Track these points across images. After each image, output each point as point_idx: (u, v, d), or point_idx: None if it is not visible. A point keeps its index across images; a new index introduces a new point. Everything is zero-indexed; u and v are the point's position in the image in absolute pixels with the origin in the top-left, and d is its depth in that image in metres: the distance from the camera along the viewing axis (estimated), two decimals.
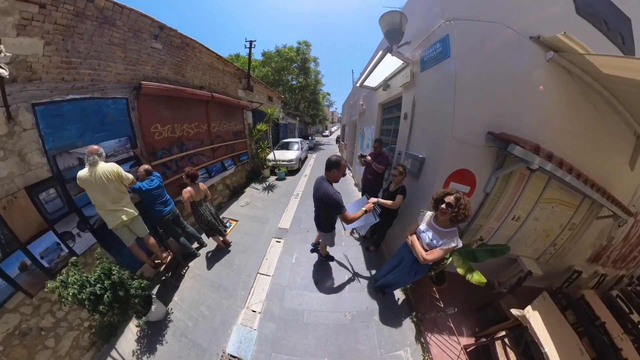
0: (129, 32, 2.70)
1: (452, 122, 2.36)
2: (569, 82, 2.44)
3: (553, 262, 3.61)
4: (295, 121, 18.14)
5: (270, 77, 15.92)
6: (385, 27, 2.67)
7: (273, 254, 3.36)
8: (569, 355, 1.83)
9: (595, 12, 2.79)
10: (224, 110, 5.20)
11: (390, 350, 2.18)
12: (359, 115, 7.54)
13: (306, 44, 17.11)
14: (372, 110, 5.81)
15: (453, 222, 1.74)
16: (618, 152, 3.06)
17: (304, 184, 6.85)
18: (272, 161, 7.42)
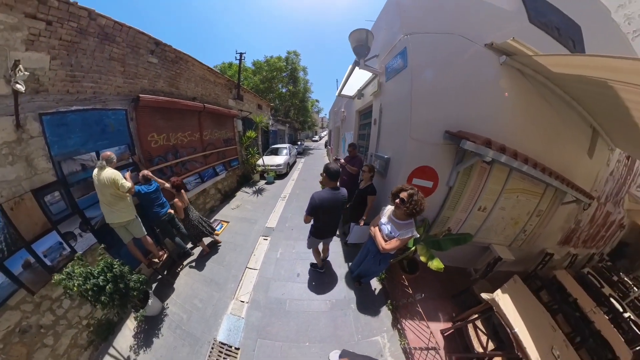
0: (127, 48, 2.93)
1: (409, 124, 2.71)
2: (523, 82, 2.80)
3: (525, 247, 3.87)
4: (284, 127, 18.68)
5: (261, 86, 16.47)
6: (353, 43, 3.03)
7: (260, 250, 3.68)
8: (541, 333, 1.94)
9: (547, 21, 3.25)
10: (215, 119, 5.50)
11: (367, 336, 2.35)
12: (341, 122, 8.24)
13: (295, 53, 17.90)
14: (351, 117, 6.40)
15: (409, 216, 1.90)
16: (576, 143, 3.40)
17: (290, 187, 7.33)
18: (262, 166, 7.78)
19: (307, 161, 13.28)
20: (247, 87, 10.70)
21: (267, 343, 2.27)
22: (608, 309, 3.38)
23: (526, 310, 2.05)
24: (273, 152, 9.82)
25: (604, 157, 3.93)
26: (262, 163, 7.83)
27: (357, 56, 3.14)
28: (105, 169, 2.32)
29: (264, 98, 13.66)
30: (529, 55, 2.39)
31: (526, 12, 3.12)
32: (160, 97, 3.51)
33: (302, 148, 17.71)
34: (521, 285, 2.39)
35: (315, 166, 11.30)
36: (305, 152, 18.07)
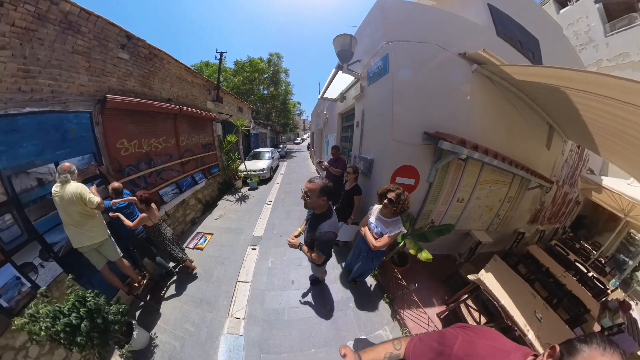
0: (94, 41, 2.58)
1: (391, 126, 2.90)
2: (492, 88, 3.21)
3: (500, 229, 4.44)
4: (266, 130, 18.34)
5: (242, 87, 15.96)
6: (338, 47, 3.10)
7: (250, 261, 3.49)
8: (523, 301, 2.25)
9: (512, 35, 3.79)
10: (193, 123, 5.16)
11: (370, 332, 2.43)
12: (323, 124, 8.32)
13: (277, 55, 17.63)
14: (334, 120, 6.51)
15: (396, 214, 2.02)
16: (536, 138, 4.00)
17: (275, 191, 7.12)
18: (244, 172, 7.50)
19: (290, 164, 13.09)
20: (227, 89, 10.30)
21: (271, 357, 2.17)
22: (575, 272, 4.04)
23: (508, 284, 2.36)
24: (255, 156, 9.56)
25: (559, 148, 4.63)
26: (244, 168, 7.53)
27: (341, 60, 3.21)
28: (69, 183, 2.02)
29: (244, 100, 13.33)
30: (497, 64, 2.73)
31: (494, 27, 3.62)
32: (130, 98, 3.18)
33: (284, 151, 17.50)
34: (501, 263, 2.75)
35: (299, 169, 11.20)
36: (288, 155, 17.87)
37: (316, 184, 1.62)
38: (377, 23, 3.17)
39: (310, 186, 1.62)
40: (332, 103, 6.23)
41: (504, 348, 0.79)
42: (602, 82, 1.57)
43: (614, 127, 2.09)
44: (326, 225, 1.67)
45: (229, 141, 6.77)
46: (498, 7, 3.69)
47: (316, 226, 1.72)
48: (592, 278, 4.10)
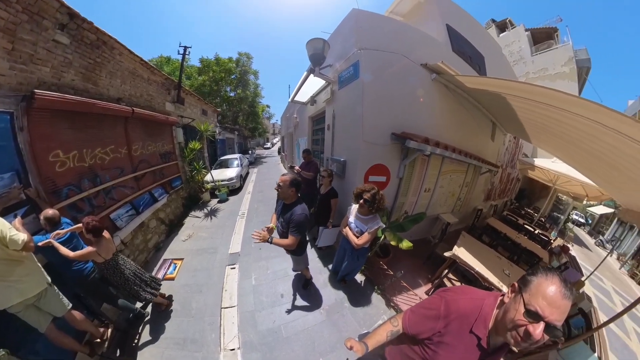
0: (23, 14, 2.07)
1: (361, 129, 3.12)
2: (448, 94, 3.82)
3: (463, 209, 5.45)
4: (233, 135, 17.44)
5: (207, 87, 14.84)
6: (310, 50, 3.18)
7: (231, 283, 3.15)
8: (492, 264, 2.81)
9: (464, 51, 4.63)
10: (149, 128, 4.55)
11: (370, 325, 2.55)
12: (294, 128, 8.29)
13: (247, 56, 16.94)
14: (304, 123, 6.56)
15: (373, 212, 2.16)
16: (483, 133, 5.04)
17: (248, 201, 6.64)
18: (211, 182, 6.87)
19: (261, 171, 12.50)
20: (190, 89, 9.47)
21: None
22: (525, 232, 5.23)
23: (478, 253, 2.90)
24: (222, 164, 8.90)
25: (501, 139, 6.03)
26: (211, 179, 6.91)
27: (313, 64, 3.28)
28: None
29: (209, 102, 12.42)
30: (452, 74, 3.23)
31: (450, 43, 4.38)
32: (68, 96, 2.54)
33: (254, 157, 16.70)
34: (468, 237, 3.38)
35: (271, 175, 10.84)
36: (258, 161, 17.02)
37: (287, 177, 1.99)
38: (350, 31, 3.33)
39: (283, 178, 1.97)
40: (303, 106, 6.25)
41: (479, 296, 0.97)
42: (528, 89, 2.09)
43: (539, 121, 2.72)
44: (299, 208, 1.98)
45: (192, 149, 6.14)
46: (454, 27, 4.54)
47: (289, 212, 1.99)
48: (538, 234, 5.42)
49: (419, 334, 1.02)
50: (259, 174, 11.36)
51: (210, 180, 6.91)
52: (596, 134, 1.84)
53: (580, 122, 1.84)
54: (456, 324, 0.93)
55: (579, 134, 2.12)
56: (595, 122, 1.65)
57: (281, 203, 2.15)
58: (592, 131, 1.84)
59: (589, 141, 2.10)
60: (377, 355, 1.30)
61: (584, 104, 1.61)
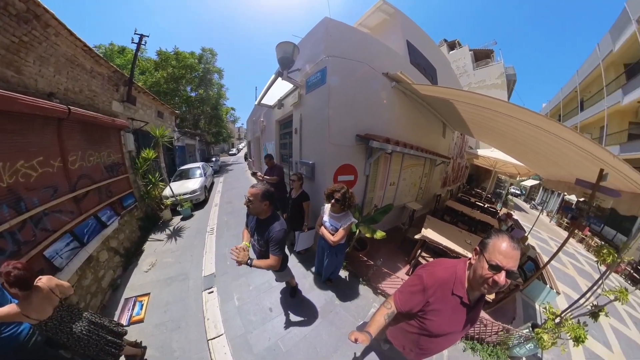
0: None
1: (328, 132, 3.31)
2: (405, 99, 4.41)
3: (425, 197, 6.63)
4: (194, 141, 15.87)
5: (164, 86, 13.34)
6: (280, 53, 3.22)
7: (212, 310, 2.84)
8: (455, 237, 3.46)
9: (419, 63, 5.42)
10: (90, 134, 3.66)
11: (364, 316, 2.74)
12: (261, 132, 8.16)
13: (211, 52, 15.77)
14: (271, 127, 6.53)
15: (344, 210, 2.31)
16: (436, 131, 6.15)
17: (216, 215, 6.05)
18: (171, 197, 6.05)
19: (227, 179, 11.69)
20: (144, 86, 8.60)
21: None
22: (477, 208, 6.54)
23: (442, 231, 3.57)
24: (183, 175, 8.03)
25: (451, 136, 7.46)
26: (171, 193, 6.11)
27: (281, 67, 3.32)
28: None
29: (167, 103, 11.23)
30: (409, 83, 3.72)
31: (409, 56, 5.08)
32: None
33: (218, 165, 15.24)
34: (433, 219, 4.09)
35: (239, 184, 10.20)
36: (223, 169, 15.69)
37: (258, 189, 1.73)
38: (320, 38, 3.45)
39: (252, 191, 1.73)
40: (270, 110, 6.22)
41: (451, 265, 1.18)
42: (470, 96, 2.55)
43: (479, 120, 3.44)
44: (277, 225, 1.78)
45: (145, 158, 5.27)
46: (412, 43, 5.34)
47: (266, 229, 1.79)
48: (487, 208, 7.03)
49: (411, 309, 1.20)
50: (225, 184, 10.45)
51: (169, 194, 6.11)
52: (520, 128, 2.41)
53: (508, 119, 2.39)
54: (439, 291, 1.13)
55: (508, 128, 2.74)
56: (519, 120, 2.17)
57: (254, 218, 1.93)
58: (517, 126, 2.40)
59: (516, 133, 2.74)
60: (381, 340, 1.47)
61: (510, 106, 2.13)
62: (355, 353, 2.24)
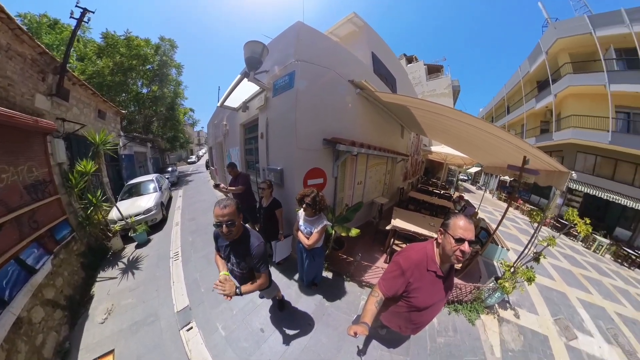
0: None
1: (295, 136, 3.35)
2: (368, 105, 4.82)
3: (389, 191, 7.50)
4: (145, 149, 13.42)
5: (108, 78, 10.83)
6: (248, 53, 3.07)
7: (197, 348, 2.46)
8: (421, 223, 3.96)
9: (382, 73, 6.03)
10: (1, 140, 2.77)
11: (356, 310, 2.88)
12: (223, 136, 7.72)
13: (171, 44, 13.82)
14: (235, 131, 6.19)
15: (317, 213, 2.37)
16: (395, 133, 6.95)
17: (178, 236, 5.20)
18: (120, 221, 4.94)
19: (187, 192, 10.33)
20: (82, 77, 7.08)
21: None
22: (435, 195, 7.81)
23: (409, 219, 4.09)
24: (133, 191, 6.73)
25: (408, 136, 8.59)
26: (120, 215, 5.00)
27: (248, 67, 3.20)
28: None
29: (111, 100, 9.43)
30: (372, 91, 4.07)
31: (373, 66, 5.56)
32: None
33: (175, 176, 13.25)
34: (399, 210, 4.60)
35: (201, 195, 9.23)
36: (182, 181, 13.71)
37: (231, 207, 1.46)
38: (291, 41, 3.45)
39: (226, 212, 1.43)
40: (234, 112, 5.88)
41: (422, 246, 1.40)
42: (423, 103, 3.03)
43: (430, 123, 4.15)
44: (254, 239, 1.62)
45: (82, 172, 4.16)
46: (377, 55, 5.90)
47: (245, 249, 1.61)
48: (443, 194, 8.44)
49: (396, 292, 1.38)
50: (185, 197, 9.22)
51: (117, 217, 4.99)
52: (463, 128, 3.06)
53: (454, 122, 3.01)
54: (416, 271, 1.34)
55: (454, 129, 3.42)
56: (462, 122, 2.78)
57: (223, 240, 1.68)
58: (461, 127, 3.04)
59: (460, 132, 3.43)
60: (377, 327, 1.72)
61: (455, 112, 2.71)
62: (358, 346, 2.36)
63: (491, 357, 2.63)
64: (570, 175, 2.73)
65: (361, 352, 2.29)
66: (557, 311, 3.79)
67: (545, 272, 5.15)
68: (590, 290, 4.94)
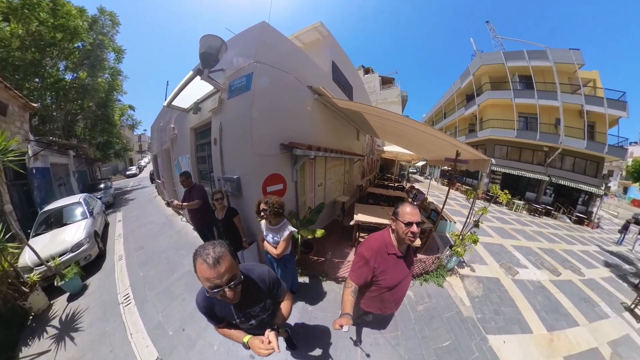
0: None
1: (251, 142, 3.21)
2: (326, 110, 5.08)
3: (350, 189, 8.00)
4: (67, 159, 9.95)
5: (16, 53, 7.48)
6: (203, 47, 2.78)
7: None
8: (381, 214, 4.40)
9: (340, 81, 6.31)
10: None
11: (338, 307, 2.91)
12: (171, 142, 6.35)
13: (112, 19, 10.74)
14: (185, 136, 5.38)
15: (277, 217, 2.32)
16: (351, 135, 7.53)
17: (125, 272, 4.06)
18: (38, 267, 3.50)
19: (129, 214, 7.95)
20: None
21: None
22: (391, 188, 9.23)
23: (370, 212, 4.55)
24: (52, 221, 4.96)
25: (363, 139, 9.32)
26: (35, 259, 3.46)
27: (203, 64, 2.92)
28: None
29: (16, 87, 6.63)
30: (330, 97, 4.28)
31: (332, 74, 5.91)
32: None
33: (111, 194, 10.11)
34: (360, 205, 5.17)
35: (147, 216, 7.36)
36: (120, 200, 10.44)
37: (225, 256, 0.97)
38: (253, 41, 3.32)
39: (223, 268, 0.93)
40: (183, 114, 5.16)
41: (379, 235, 1.60)
42: (376, 110, 3.47)
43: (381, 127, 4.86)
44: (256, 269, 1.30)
45: None
46: (337, 64, 6.26)
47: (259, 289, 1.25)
48: (397, 186, 9.87)
49: (366, 280, 1.52)
50: (127, 221, 7.13)
51: (34, 262, 3.51)
52: (409, 131, 3.76)
53: (402, 126, 3.61)
54: (378, 257, 1.51)
55: (402, 132, 4.09)
56: (407, 126, 3.50)
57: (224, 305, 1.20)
58: (407, 129, 3.72)
59: (407, 134, 4.12)
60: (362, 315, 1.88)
61: (402, 118, 3.38)
62: (351, 338, 2.48)
63: (463, 307, 3.28)
64: (490, 162, 3.72)
65: (357, 342, 2.43)
66: (500, 258, 5.18)
67: (485, 233, 6.82)
68: (518, 238, 7.23)
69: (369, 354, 2.36)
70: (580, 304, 3.91)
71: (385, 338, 2.57)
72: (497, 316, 3.26)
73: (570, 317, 3.52)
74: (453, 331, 2.85)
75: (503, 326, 3.08)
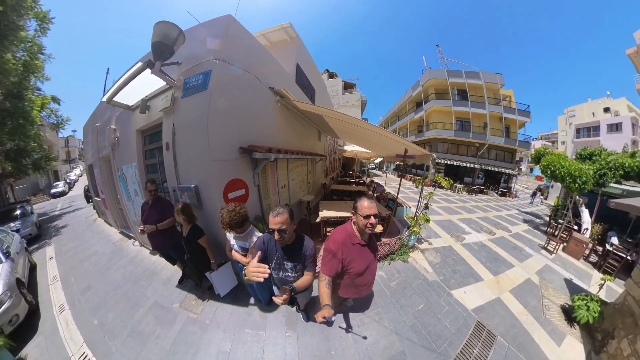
0: None
1: (208, 147, 2.87)
2: (288, 113, 5.12)
3: (314, 188, 8.22)
4: None
5: None
6: (157, 36, 2.41)
7: None
8: (345, 209, 4.71)
9: (303, 84, 6.53)
10: None
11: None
12: (111, 148, 4.89)
13: None
14: (130, 139, 4.33)
15: (243, 224, 2.17)
16: (313, 137, 7.82)
17: (73, 326, 2.85)
18: None
19: (63, 247, 5.61)
20: None
21: None
22: (353, 183, 10.39)
23: (336, 208, 4.85)
24: None
25: (324, 139, 9.70)
26: None
27: (155, 55, 2.53)
28: None
29: None
30: (291, 100, 4.33)
31: (295, 76, 5.87)
32: None
33: (33, 222, 7.18)
34: (325, 202, 5.38)
35: (90, 247, 5.38)
36: (47, 230, 7.46)
37: (283, 214, 1.63)
38: (215, 35, 3.01)
39: (279, 219, 1.60)
40: (128, 113, 4.18)
41: (342, 228, 1.74)
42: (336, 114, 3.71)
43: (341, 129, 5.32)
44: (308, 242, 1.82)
45: None
46: (301, 67, 6.25)
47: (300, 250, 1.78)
48: (359, 182, 11.04)
49: (337, 270, 1.64)
50: (62, 257, 5.07)
51: None
52: (367, 132, 4.24)
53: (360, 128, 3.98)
54: (344, 248, 1.65)
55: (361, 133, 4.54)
56: (364, 128, 3.91)
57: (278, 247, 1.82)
58: (365, 131, 4.19)
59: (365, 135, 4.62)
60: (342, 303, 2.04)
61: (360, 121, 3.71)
62: (340, 326, 2.59)
63: (427, 274, 3.96)
64: (432, 156, 4.46)
65: (348, 329, 2.56)
66: (450, 230, 6.50)
67: (435, 212, 8.39)
68: (461, 212, 9.16)
69: (365, 336, 2.52)
70: (512, 252, 5.45)
71: (369, 316, 2.85)
72: (455, 274, 4.08)
73: (507, 262, 4.83)
74: (424, 295, 3.38)
75: (461, 280, 3.90)
